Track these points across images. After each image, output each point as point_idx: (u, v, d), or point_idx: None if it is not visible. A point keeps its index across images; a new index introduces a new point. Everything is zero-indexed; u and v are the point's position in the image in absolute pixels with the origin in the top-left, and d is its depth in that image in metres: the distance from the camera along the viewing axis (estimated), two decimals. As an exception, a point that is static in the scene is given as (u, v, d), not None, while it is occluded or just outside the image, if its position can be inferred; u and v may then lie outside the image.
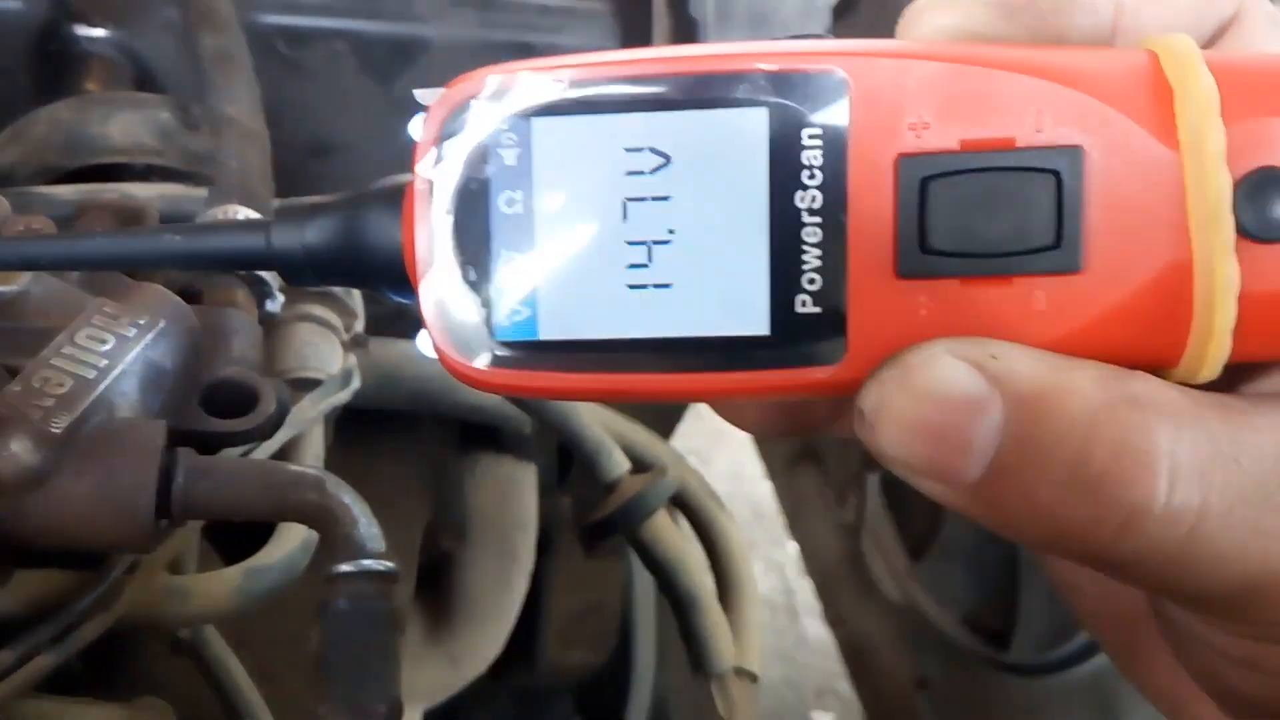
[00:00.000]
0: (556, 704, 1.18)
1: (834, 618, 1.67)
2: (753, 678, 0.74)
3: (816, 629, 2.07)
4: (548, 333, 0.28)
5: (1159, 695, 0.34)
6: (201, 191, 0.57)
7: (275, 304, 0.50)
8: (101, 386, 0.36)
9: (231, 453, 0.45)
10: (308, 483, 0.38)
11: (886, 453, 0.27)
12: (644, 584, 1.10)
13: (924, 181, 0.26)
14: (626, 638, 1.12)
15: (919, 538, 1.38)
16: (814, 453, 1.63)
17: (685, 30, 0.74)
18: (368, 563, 0.37)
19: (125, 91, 0.63)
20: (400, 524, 0.81)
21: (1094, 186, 0.26)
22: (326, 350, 0.55)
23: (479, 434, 0.83)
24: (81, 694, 0.41)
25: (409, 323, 0.30)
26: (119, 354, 0.37)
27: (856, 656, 1.62)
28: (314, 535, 0.47)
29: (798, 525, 1.75)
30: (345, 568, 0.37)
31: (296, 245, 0.29)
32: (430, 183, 0.27)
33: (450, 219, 0.27)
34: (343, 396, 0.55)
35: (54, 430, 0.34)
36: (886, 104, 0.26)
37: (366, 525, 0.38)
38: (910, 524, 1.41)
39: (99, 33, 0.67)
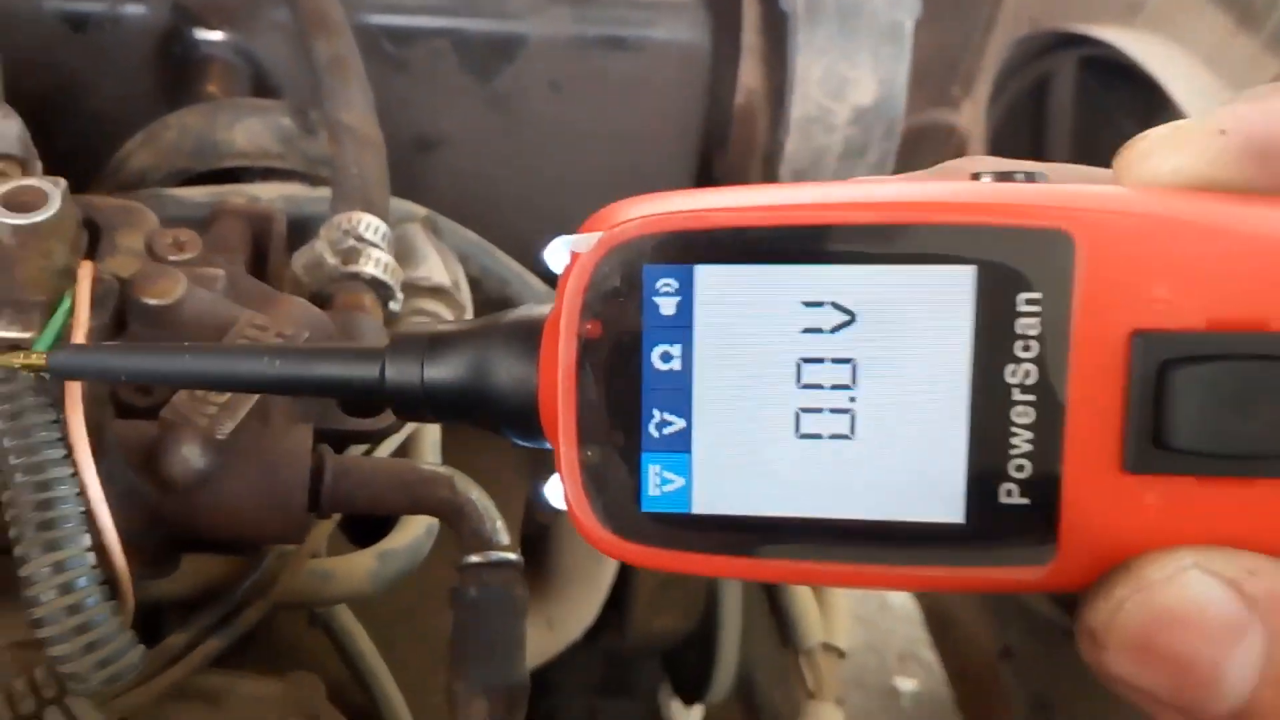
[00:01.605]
0: (644, 667, 1.23)
1: None
2: (840, 653, 0.77)
3: (899, 595, 2.09)
4: (702, 506, 0.25)
5: None
6: (320, 192, 0.61)
7: (397, 304, 0.54)
8: (258, 394, 0.40)
9: (359, 447, 0.49)
10: (440, 481, 0.42)
11: (1118, 676, 0.24)
12: None
13: (1163, 365, 0.23)
14: (713, 608, 1.15)
15: None
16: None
17: (775, 22, 0.76)
18: (495, 554, 0.41)
19: (247, 98, 0.67)
20: (501, 499, 0.86)
21: None
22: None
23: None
24: (232, 666, 0.46)
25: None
26: (270, 364, 0.41)
27: (941, 625, 1.64)
28: (437, 521, 0.52)
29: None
30: (475, 559, 0.41)
31: (414, 380, 0.27)
32: (575, 327, 0.25)
33: (595, 371, 0.25)
34: (455, 388, 0.59)
35: (219, 436, 0.39)
36: (1120, 271, 0.23)
37: (493, 520, 0.42)
38: None
39: (217, 36, 0.72)
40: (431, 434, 0.56)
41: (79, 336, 0.38)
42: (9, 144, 0.50)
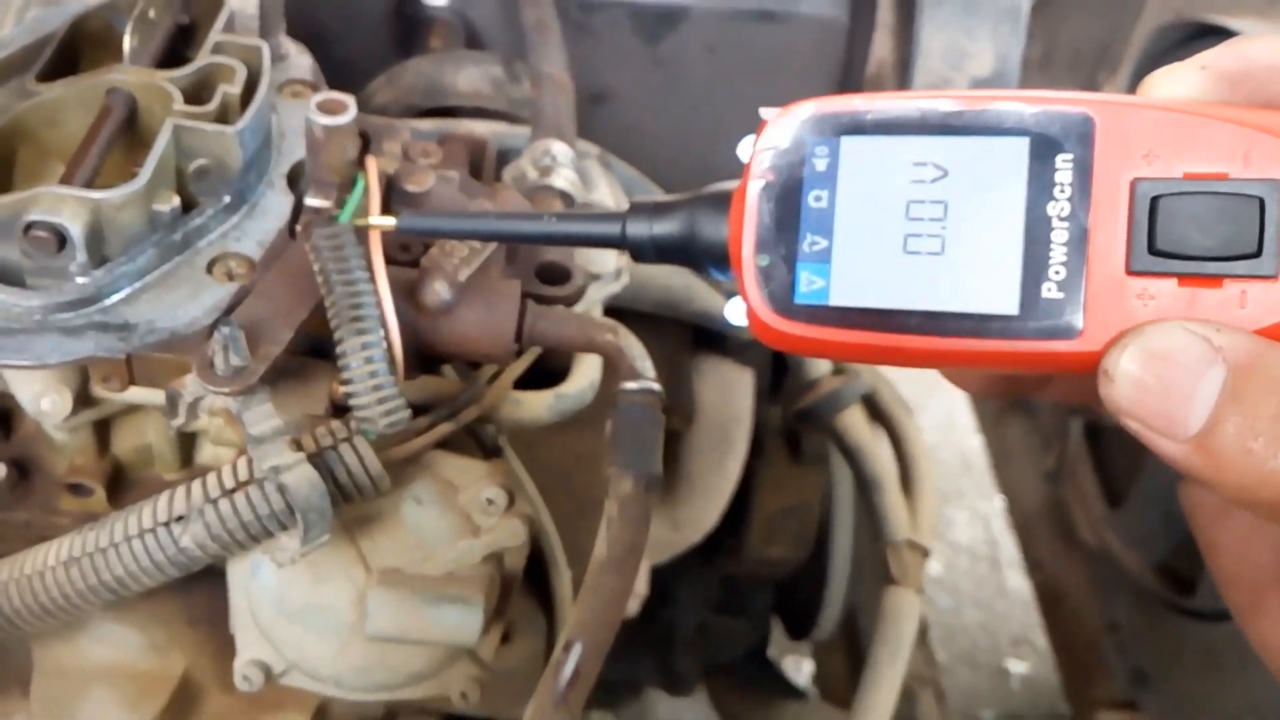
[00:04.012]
0: (758, 594, 1.38)
1: (1032, 563, 1.76)
2: (924, 551, 0.92)
3: (1017, 581, 2.18)
4: (837, 300, 0.36)
5: (1274, 652, 0.40)
6: (521, 130, 0.80)
7: (577, 212, 0.72)
8: (486, 253, 0.59)
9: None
10: (607, 327, 0.60)
11: (1122, 405, 0.33)
12: (844, 501, 1.27)
13: (1153, 199, 0.34)
14: (825, 547, 1.29)
15: (1118, 486, 1.46)
16: (1023, 403, 1.71)
17: (906, 6, 0.91)
18: (645, 383, 0.59)
19: (466, 50, 0.87)
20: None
21: None
22: (606, 253, 0.77)
23: (707, 338, 1.04)
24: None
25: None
26: (494, 235, 0.60)
27: (1051, 600, 1.70)
28: (598, 377, 0.70)
29: (1003, 474, 1.84)
30: (630, 385, 0.59)
31: (645, 235, 0.39)
32: (760, 184, 0.36)
33: (771, 209, 0.36)
34: (615, 287, 0.77)
35: (460, 278, 0.58)
36: (1124, 139, 0.34)
37: (643, 359, 0.60)
38: (1111, 472, 1.48)
39: (441, 1, 0.92)
40: (596, 312, 0.75)
41: (374, 208, 0.58)
42: (304, 72, 0.71)
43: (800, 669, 1.84)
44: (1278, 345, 0.33)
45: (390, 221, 0.45)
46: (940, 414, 2.45)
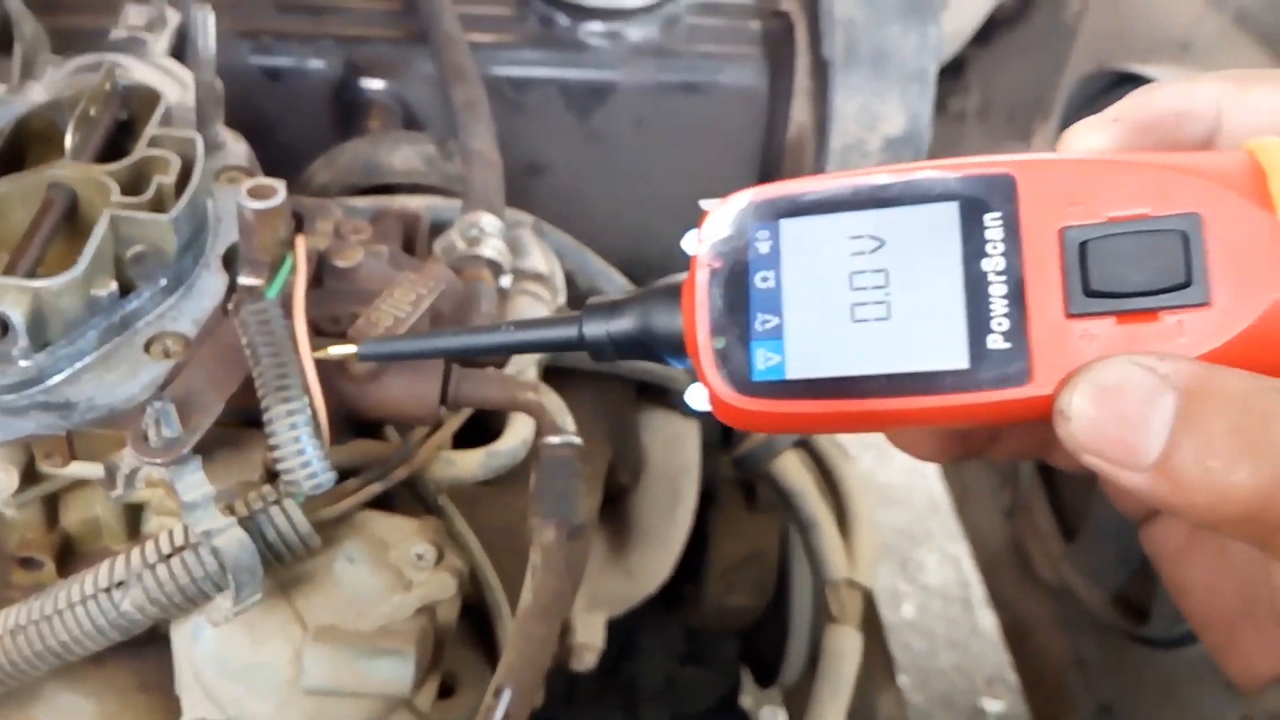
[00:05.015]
0: (723, 644, 1.39)
1: (998, 601, 1.77)
2: (863, 589, 0.94)
3: (990, 620, 2.19)
4: (793, 373, 0.37)
5: (1249, 681, 0.41)
6: (454, 203, 0.84)
7: (507, 280, 0.76)
8: (410, 321, 0.62)
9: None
10: (529, 386, 0.64)
11: (1081, 442, 0.34)
12: (802, 546, 1.29)
13: (1082, 244, 0.35)
14: (785, 592, 1.31)
15: (1073, 520, 1.48)
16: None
17: (820, 68, 0.97)
18: (566, 437, 0.62)
19: (401, 130, 0.91)
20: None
21: (1212, 240, 0.34)
22: (539, 311, 0.80)
23: (651, 392, 1.07)
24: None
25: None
26: (419, 304, 0.64)
27: (1018, 638, 1.71)
28: (531, 435, 0.73)
29: (965, 513, 1.86)
30: (552, 439, 0.63)
31: (602, 334, 0.40)
32: (707, 271, 0.38)
33: (720, 294, 0.38)
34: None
35: (385, 347, 0.61)
36: (1047, 192, 0.36)
37: (564, 415, 0.64)
38: (1065, 507, 1.51)
39: (378, 84, 0.96)
40: (530, 372, 0.78)
41: (300, 285, 0.61)
42: (240, 158, 0.74)
43: (776, 719, 1.85)
44: (1221, 367, 0.34)
45: (351, 349, 0.48)
46: (907, 459, 2.46)
